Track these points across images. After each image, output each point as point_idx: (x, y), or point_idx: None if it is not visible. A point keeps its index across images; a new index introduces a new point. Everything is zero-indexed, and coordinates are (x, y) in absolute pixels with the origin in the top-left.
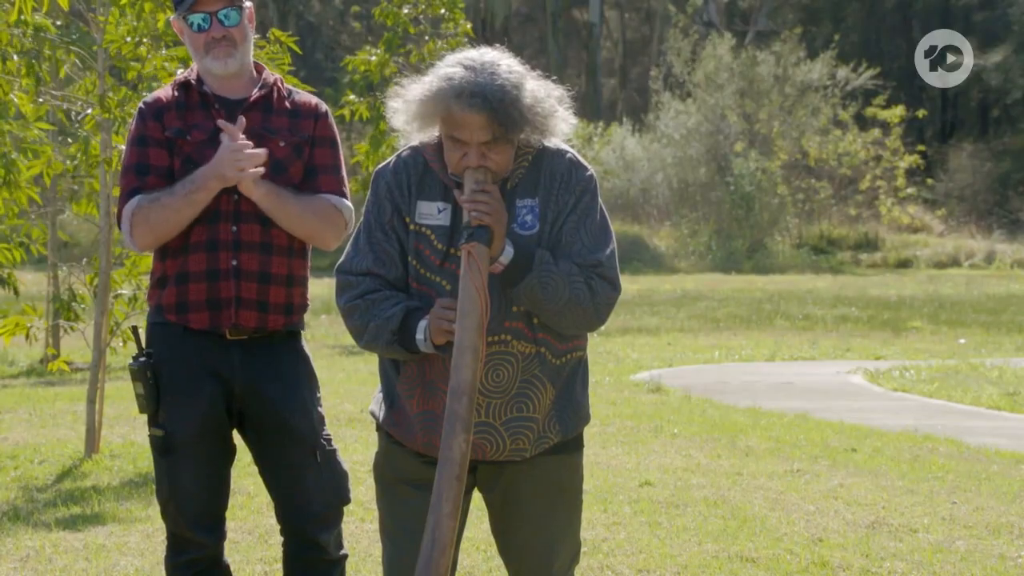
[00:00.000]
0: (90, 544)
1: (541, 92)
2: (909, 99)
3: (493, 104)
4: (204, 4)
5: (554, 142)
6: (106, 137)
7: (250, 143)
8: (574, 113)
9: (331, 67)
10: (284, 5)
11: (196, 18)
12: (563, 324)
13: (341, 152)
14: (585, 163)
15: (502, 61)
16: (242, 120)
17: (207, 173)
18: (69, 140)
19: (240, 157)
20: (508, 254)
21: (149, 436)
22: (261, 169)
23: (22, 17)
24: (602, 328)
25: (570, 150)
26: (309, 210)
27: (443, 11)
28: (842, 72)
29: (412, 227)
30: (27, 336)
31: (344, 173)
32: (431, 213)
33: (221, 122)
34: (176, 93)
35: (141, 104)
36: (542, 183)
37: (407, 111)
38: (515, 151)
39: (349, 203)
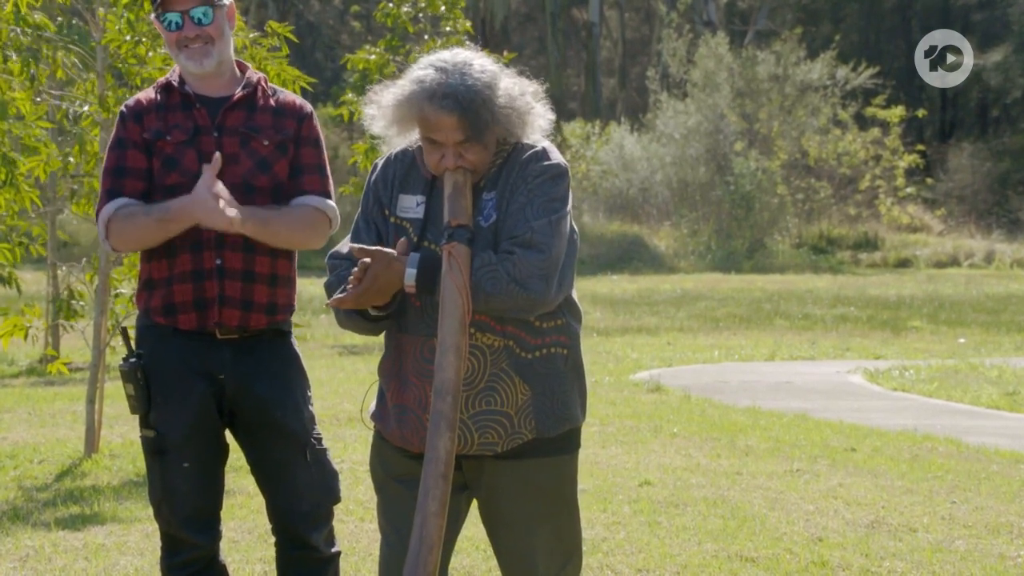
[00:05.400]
0: (89, 544)
1: (515, 90)
2: (909, 99)
3: (464, 105)
4: (177, 3)
5: (533, 138)
6: (105, 136)
7: (226, 194)
8: (574, 113)
9: (331, 67)
10: (284, 5)
11: (170, 16)
12: (498, 311)
13: (325, 152)
14: (554, 154)
15: (474, 61)
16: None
17: (184, 211)
18: (69, 140)
19: (217, 217)
20: (410, 275)
21: (140, 437)
22: (235, 215)
23: (20, 14)
24: (601, 327)
25: (544, 144)
26: (295, 224)
27: (443, 9)
28: (842, 72)
29: (392, 220)
30: (25, 337)
31: (328, 172)
32: (410, 206)
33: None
34: (157, 95)
35: (122, 107)
36: (503, 175)
37: (383, 117)
38: (495, 148)
39: (333, 203)
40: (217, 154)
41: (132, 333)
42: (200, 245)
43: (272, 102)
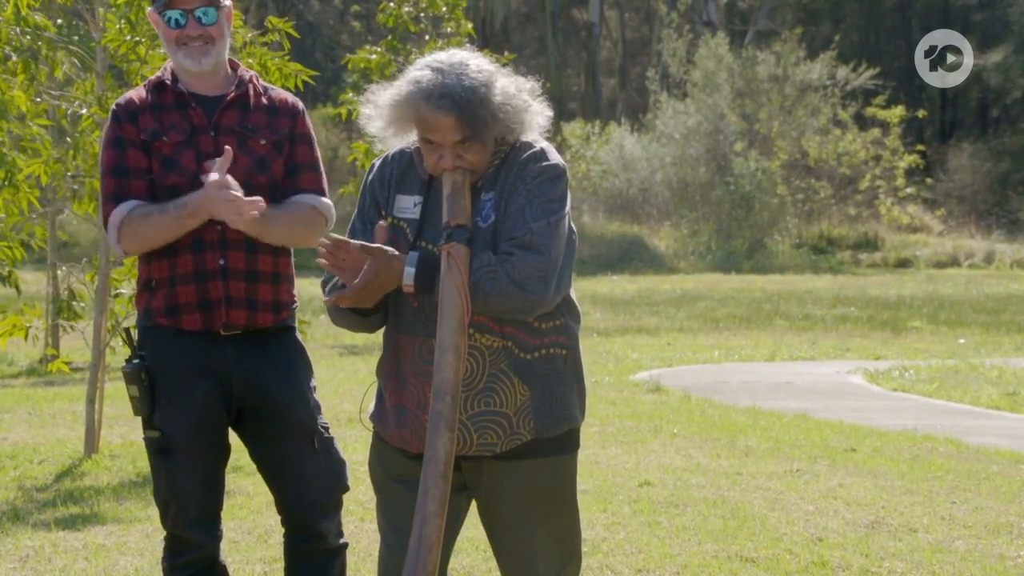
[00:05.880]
0: (89, 544)
1: (512, 88)
2: (909, 99)
3: (461, 105)
4: (183, 1)
5: (531, 136)
6: None
7: (238, 187)
8: (574, 113)
9: (331, 67)
10: (284, 4)
11: (173, 14)
12: (496, 312)
13: (318, 149)
14: (552, 155)
15: (471, 61)
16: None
17: (201, 205)
18: (68, 140)
19: (238, 207)
20: (409, 274)
21: (144, 438)
22: (256, 214)
23: (21, 15)
24: (601, 327)
25: (541, 143)
26: (294, 222)
27: (444, 9)
28: (842, 72)
29: (390, 220)
30: (25, 337)
31: (322, 170)
32: (407, 207)
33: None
34: (149, 94)
35: (114, 106)
36: (502, 175)
37: (380, 117)
38: (494, 148)
39: (328, 200)
40: (228, 148)
41: (134, 334)
42: (202, 246)
43: (264, 100)
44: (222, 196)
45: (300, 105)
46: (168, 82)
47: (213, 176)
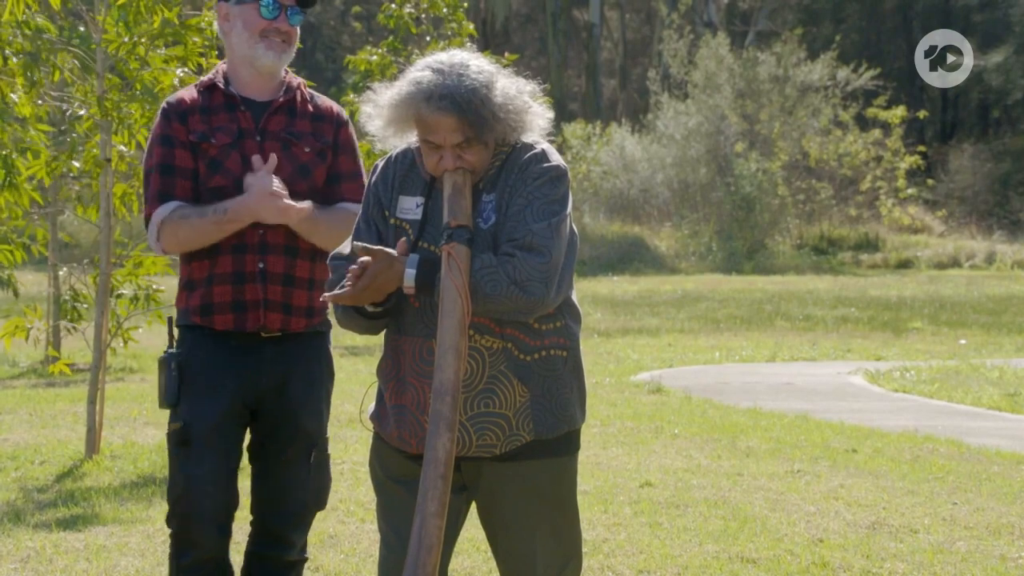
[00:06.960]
0: (91, 544)
1: (512, 89)
2: (910, 100)
3: (462, 106)
4: None
5: (531, 138)
6: (105, 137)
7: (286, 193)
8: (575, 114)
9: (331, 67)
10: None
11: (269, 2)
12: (496, 312)
13: (360, 159)
14: (554, 156)
15: (471, 62)
16: (273, 158)
17: (244, 210)
18: (68, 140)
19: (283, 208)
20: (410, 275)
21: (168, 433)
22: (306, 207)
23: (23, 18)
24: (602, 328)
25: (543, 144)
26: (340, 226)
27: (445, 10)
28: (843, 73)
29: (392, 221)
30: (26, 338)
31: (364, 178)
32: (409, 208)
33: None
34: (200, 95)
35: (164, 104)
36: (503, 176)
37: (380, 116)
38: (494, 149)
39: None
40: (273, 155)
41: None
42: (243, 248)
43: (310, 107)
44: (270, 203)
45: (344, 115)
46: (220, 84)
47: (262, 182)
